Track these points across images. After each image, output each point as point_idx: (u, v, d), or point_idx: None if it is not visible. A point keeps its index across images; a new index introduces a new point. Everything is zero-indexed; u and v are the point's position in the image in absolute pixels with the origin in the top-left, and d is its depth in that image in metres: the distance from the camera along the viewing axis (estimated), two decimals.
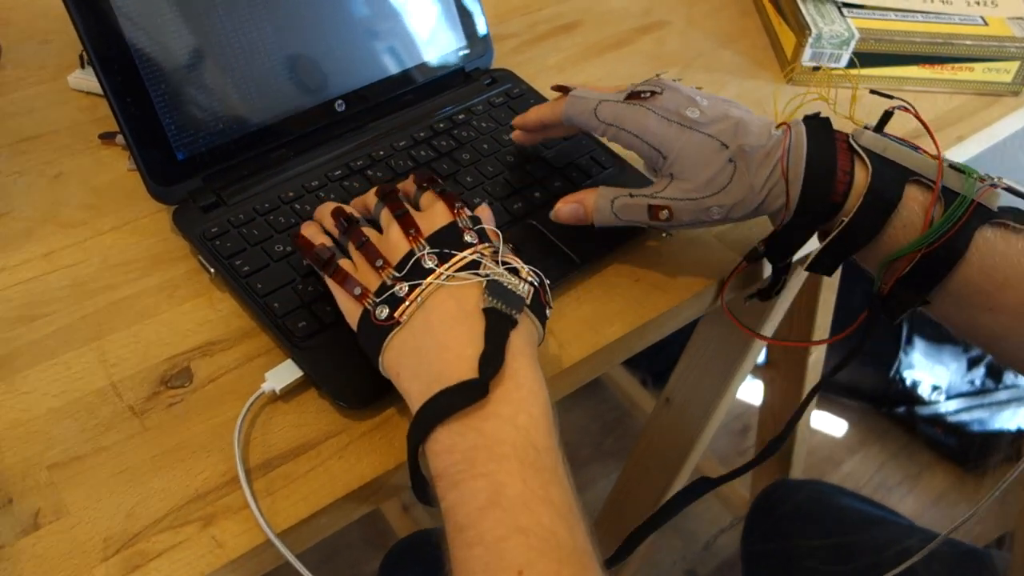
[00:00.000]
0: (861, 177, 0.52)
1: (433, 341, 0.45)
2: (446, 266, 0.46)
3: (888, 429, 1.65)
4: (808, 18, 0.79)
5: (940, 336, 1.60)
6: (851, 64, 0.79)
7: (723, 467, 1.39)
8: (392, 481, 0.51)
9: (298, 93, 0.63)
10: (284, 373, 0.52)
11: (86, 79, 0.72)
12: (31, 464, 0.48)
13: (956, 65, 0.80)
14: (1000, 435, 1.58)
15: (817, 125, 0.54)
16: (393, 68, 0.68)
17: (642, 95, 0.57)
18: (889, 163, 0.52)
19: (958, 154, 0.78)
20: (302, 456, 0.50)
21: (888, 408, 1.62)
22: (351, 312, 0.49)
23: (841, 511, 0.93)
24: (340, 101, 0.65)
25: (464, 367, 0.43)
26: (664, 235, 0.62)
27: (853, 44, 0.78)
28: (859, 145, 0.53)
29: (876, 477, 1.59)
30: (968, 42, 0.78)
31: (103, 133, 0.68)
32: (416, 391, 0.44)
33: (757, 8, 0.91)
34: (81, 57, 0.74)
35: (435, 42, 0.70)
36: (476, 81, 0.72)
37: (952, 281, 0.51)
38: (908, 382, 1.61)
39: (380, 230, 0.52)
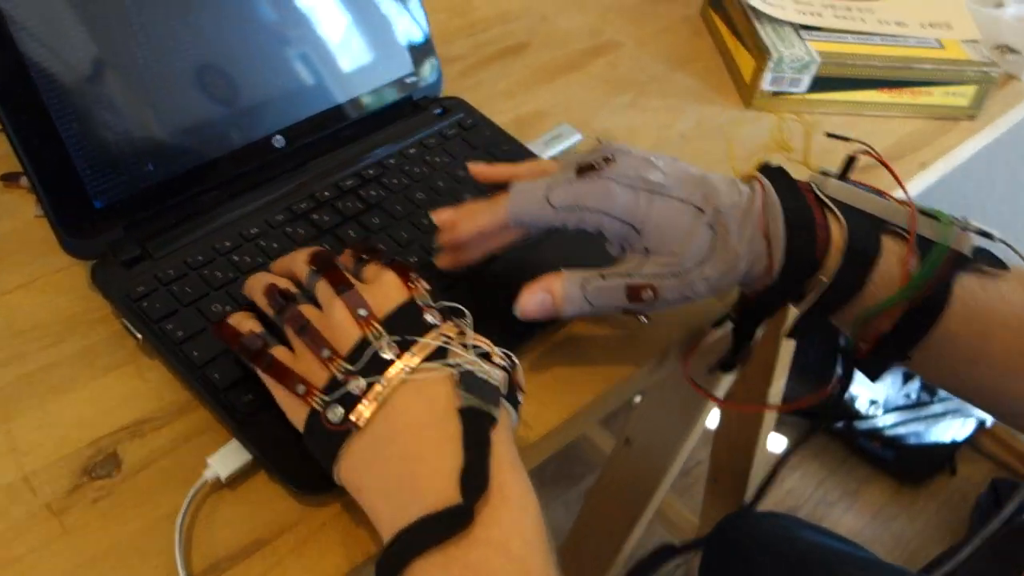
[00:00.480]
0: (836, 231, 0.48)
1: (401, 451, 0.38)
2: (409, 355, 0.40)
3: (827, 444, 1.66)
4: (767, 41, 0.76)
5: None
6: (813, 87, 0.77)
7: (677, 496, 1.36)
8: None
9: (231, 128, 0.57)
10: (229, 457, 0.45)
11: None
12: None
13: (915, 89, 0.78)
14: (935, 447, 1.60)
15: (778, 176, 0.49)
16: (336, 98, 0.62)
17: (594, 166, 0.49)
18: (860, 213, 0.49)
19: (921, 182, 0.76)
20: (255, 555, 0.43)
21: (827, 424, 1.62)
22: (294, 412, 0.42)
23: (804, 547, 0.90)
24: (279, 136, 0.59)
25: (442, 485, 0.37)
26: (642, 319, 0.56)
27: (814, 69, 0.75)
28: (826, 196, 0.49)
29: (816, 494, 1.59)
30: (928, 66, 0.77)
31: (5, 174, 0.60)
32: (386, 514, 0.38)
33: (709, 29, 0.88)
34: None
35: (380, 69, 0.64)
36: (425, 111, 0.67)
37: (934, 334, 0.48)
38: (846, 397, 1.61)
39: (318, 305, 0.45)
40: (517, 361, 0.43)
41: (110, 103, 0.51)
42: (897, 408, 1.59)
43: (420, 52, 0.67)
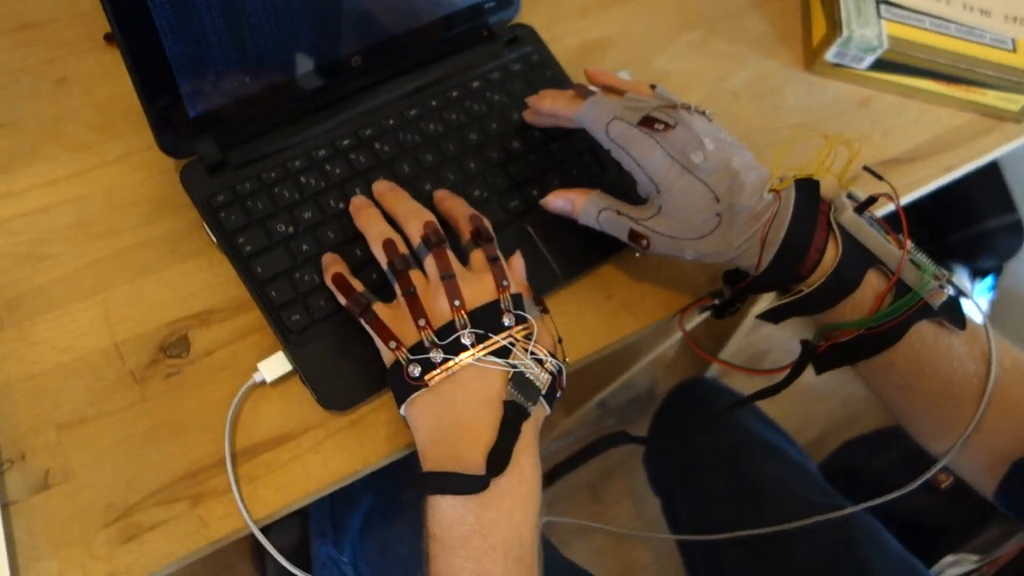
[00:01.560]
0: (830, 257, 0.55)
1: (455, 415, 0.50)
2: (481, 347, 0.51)
3: None
4: (844, 14, 0.77)
5: None
6: (874, 67, 0.79)
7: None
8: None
9: (315, 46, 0.62)
10: (275, 366, 0.57)
11: None
12: (41, 421, 0.54)
13: (971, 87, 0.80)
14: None
15: (806, 193, 0.56)
16: (415, 20, 0.66)
17: (655, 125, 0.58)
18: (858, 247, 0.55)
19: (941, 182, 0.80)
20: (283, 446, 0.56)
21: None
22: (386, 356, 0.54)
23: (741, 435, 1.02)
24: (357, 56, 0.64)
25: (477, 452, 0.48)
26: (637, 254, 0.65)
27: (879, 53, 0.77)
28: (837, 223, 0.56)
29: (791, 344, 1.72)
30: (990, 71, 0.78)
31: (108, 34, 0.66)
32: (431, 455, 0.50)
33: None
34: None
35: None
36: (497, 39, 0.71)
37: (879, 359, 0.57)
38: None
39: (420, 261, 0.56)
40: (564, 367, 0.54)
41: (210, 20, 0.57)
42: None
43: None
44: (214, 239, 0.59)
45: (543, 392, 0.52)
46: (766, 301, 0.60)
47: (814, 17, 0.82)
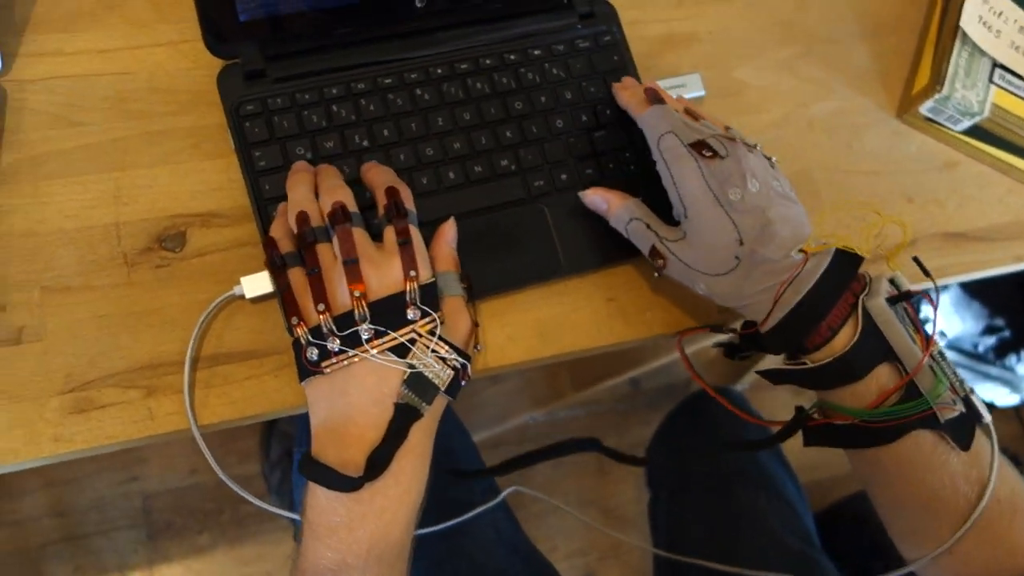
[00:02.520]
0: (843, 338, 0.52)
1: (345, 408, 0.50)
2: (379, 343, 0.50)
3: None
4: (952, 69, 0.71)
5: (976, 293, 1.59)
6: (969, 132, 0.73)
7: None
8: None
9: None
10: (257, 284, 0.57)
11: None
12: (30, 279, 0.57)
13: None
14: None
15: (841, 265, 0.53)
16: None
17: (705, 151, 0.56)
18: (877, 336, 0.52)
19: (1005, 271, 0.75)
20: (245, 363, 0.58)
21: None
22: (289, 329, 0.53)
23: (738, 465, 1.00)
24: None
25: (358, 451, 0.49)
26: (656, 274, 0.63)
27: (977, 120, 0.71)
28: (864, 306, 0.53)
29: None
30: None
31: None
32: (320, 439, 0.51)
33: (928, 4, 0.81)
34: None
35: None
36: (573, 10, 0.68)
37: (870, 451, 0.54)
38: (921, 315, 1.62)
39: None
40: (469, 361, 0.54)
41: None
42: (959, 350, 1.59)
43: None
44: (234, 146, 0.60)
45: (443, 390, 0.51)
46: (773, 359, 0.58)
47: (922, 64, 0.76)
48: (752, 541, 0.91)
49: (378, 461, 0.49)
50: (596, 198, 0.62)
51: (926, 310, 1.63)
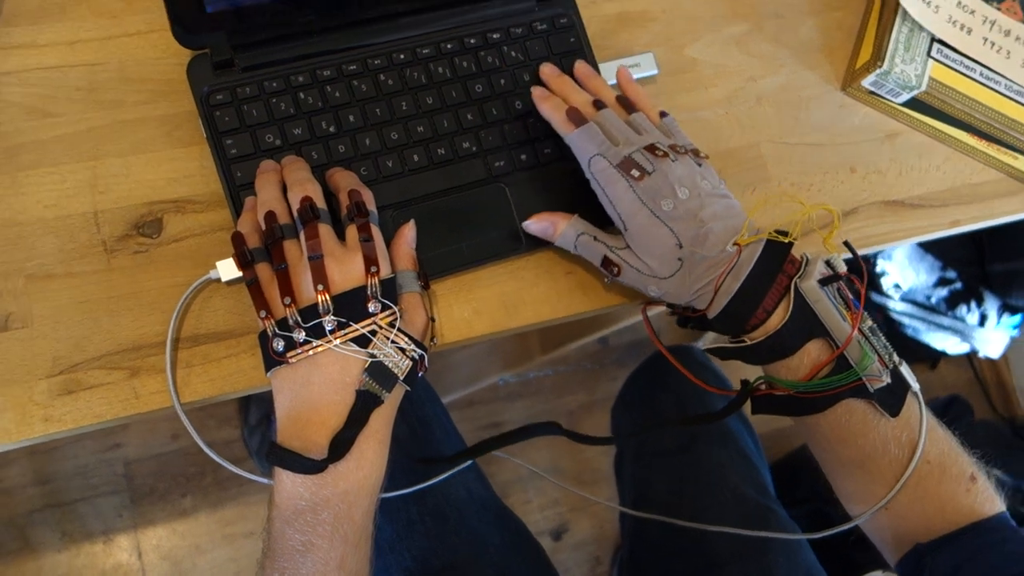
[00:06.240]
0: (776, 318, 0.56)
1: (309, 396, 0.53)
2: (341, 333, 0.53)
3: None
4: (891, 47, 0.75)
5: (928, 247, 1.64)
6: (909, 104, 0.77)
7: None
8: None
9: None
10: (232, 268, 0.60)
11: None
12: (13, 268, 0.59)
13: (1004, 148, 0.78)
14: (925, 347, 1.70)
15: (771, 253, 0.57)
16: None
17: (633, 171, 0.60)
18: (808, 315, 0.56)
19: (940, 235, 0.79)
20: (223, 342, 0.61)
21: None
22: (258, 322, 0.56)
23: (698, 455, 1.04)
24: None
25: (322, 436, 0.52)
26: (606, 279, 0.66)
27: (916, 92, 0.75)
28: (797, 288, 0.57)
29: None
30: None
31: None
32: (284, 427, 0.54)
33: None
34: None
35: None
36: None
37: (808, 418, 0.59)
38: (878, 269, 1.67)
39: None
40: (427, 353, 0.57)
41: None
42: (913, 302, 1.66)
43: None
44: (205, 134, 0.63)
45: (401, 379, 0.55)
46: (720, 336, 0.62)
47: (866, 38, 0.79)
48: (710, 493, 0.96)
49: (340, 444, 0.52)
50: (540, 225, 0.65)
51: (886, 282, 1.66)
